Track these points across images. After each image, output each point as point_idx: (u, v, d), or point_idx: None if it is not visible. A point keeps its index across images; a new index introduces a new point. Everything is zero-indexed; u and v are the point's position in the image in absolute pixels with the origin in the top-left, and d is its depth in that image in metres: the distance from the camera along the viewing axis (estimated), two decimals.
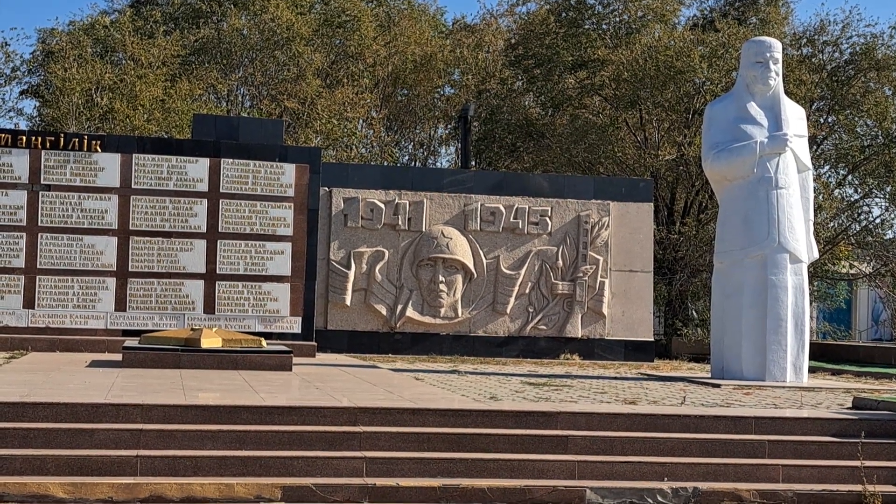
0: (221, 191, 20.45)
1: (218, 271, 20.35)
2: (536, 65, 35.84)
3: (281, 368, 15.97)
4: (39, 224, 19.66)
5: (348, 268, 22.00)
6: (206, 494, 9.58)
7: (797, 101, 21.62)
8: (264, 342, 16.92)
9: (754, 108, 16.99)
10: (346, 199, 22.19)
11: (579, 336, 22.72)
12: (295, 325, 20.62)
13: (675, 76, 31.92)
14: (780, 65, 17.15)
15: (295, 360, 16.67)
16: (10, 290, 19.50)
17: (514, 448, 10.75)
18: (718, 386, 15.67)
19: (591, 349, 22.67)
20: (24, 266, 19.57)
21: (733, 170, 16.76)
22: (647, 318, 23.27)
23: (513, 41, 38.85)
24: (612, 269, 23.02)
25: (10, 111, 39.48)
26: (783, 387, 15.75)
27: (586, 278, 22.75)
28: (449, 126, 41.59)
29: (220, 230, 20.42)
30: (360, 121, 38.74)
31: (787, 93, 18.73)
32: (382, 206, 22.22)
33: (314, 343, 20.42)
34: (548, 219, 22.78)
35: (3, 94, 48.30)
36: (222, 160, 20.49)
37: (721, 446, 11.23)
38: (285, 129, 29.87)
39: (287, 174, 20.78)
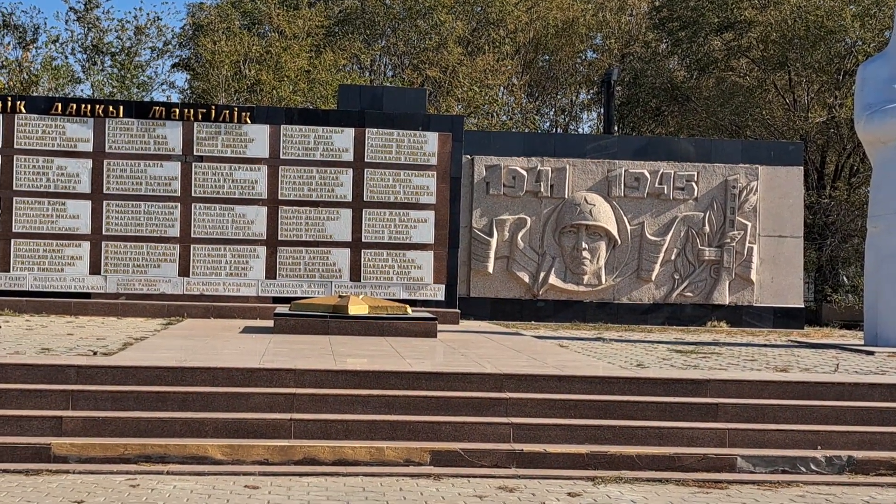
0: (366, 160, 20.71)
1: (363, 240, 20.66)
2: (681, 27, 35.26)
3: (426, 335, 16.15)
4: (193, 195, 20.26)
5: (490, 235, 22.07)
6: (357, 458, 9.78)
7: None
8: (409, 309, 17.14)
9: None
10: (488, 166, 22.22)
11: (727, 303, 22.36)
12: (438, 293, 20.81)
13: (825, 36, 31.03)
14: None
15: (439, 326, 16.84)
16: (166, 258, 20.16)
17: (663, 416, 10.67)
18: (872, 353, 15.25)
19: (739, 316, 22.29)
20: (178, 235, 20.20)
21: (887, 131, 16.20)
22: (797, 284, 22.75)
23: (657, 3, 38.24)
24: (761, 235, 22.55)
25: (162, 84, 40.85)
26: None
27: (734, 244, 22.34)
28: (591, 91, 41.25)
29: (364, 199, 20.70)
30: (502, 88, 38.74)
31: None
32: (524, 173, 22.19)
33: (457, 310, 20.58)
34: (694, 184, 22.42)
35: (156, 68, 49.91)
36: (367, 130, 20.74)
37: (877, 415, 10.95)
38: (427, 97, 30.06)
39: (430, 143, 20.91)
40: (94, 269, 19.98)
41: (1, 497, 8.41)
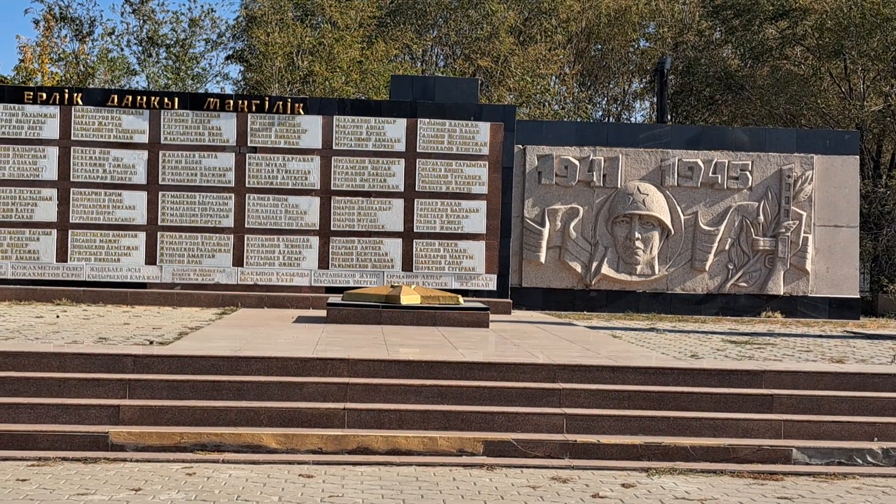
0: (418, 150, 20.74)
1: (415, 230, 20.69)
2: (735, 15, 34.89)
3: (478, 325, 16.17)
4: (247, 185, 20.40)
5: (543, 225, 22.01)
6: (410, 447, 9.82)
7: None
8: (461, 299, 17.15)
9: None
10: (540, 156, 22.16)
11: (781, 293, 22.14)
12: (490, 283, 20.80)
13: (881, 24, 30.58)
14: None
15: (491, 316, 16.84)
16: (221, 248, 20.33)
17: (717, 407, 10.62)
18: None
19: (794, 307, 22.07)
20: (233, 226, 20.35)
21: None
22: (853, 274, 22.48)
23: None
24: (816, 225, 22.30)
25: (216, 76, 41.06)
26: None
27: (789, 234, 22.12)
28: (644, 80, 40.96)
29: (416, 189, 20.73)
30: (554, 77, 38.58)
31: None
32: (577, 162, 22.10)
33: (509, 300, 20.55)
34: (748, 173, 22.21)
35: (210, 60, 50.27)
36: (419, 120, 20.76)
37: None
38: (479, 87, 30.03)
39: (482, 133, 20.89)
40: (150, 259, 20.20)
41: (60, 484, 8.54)
